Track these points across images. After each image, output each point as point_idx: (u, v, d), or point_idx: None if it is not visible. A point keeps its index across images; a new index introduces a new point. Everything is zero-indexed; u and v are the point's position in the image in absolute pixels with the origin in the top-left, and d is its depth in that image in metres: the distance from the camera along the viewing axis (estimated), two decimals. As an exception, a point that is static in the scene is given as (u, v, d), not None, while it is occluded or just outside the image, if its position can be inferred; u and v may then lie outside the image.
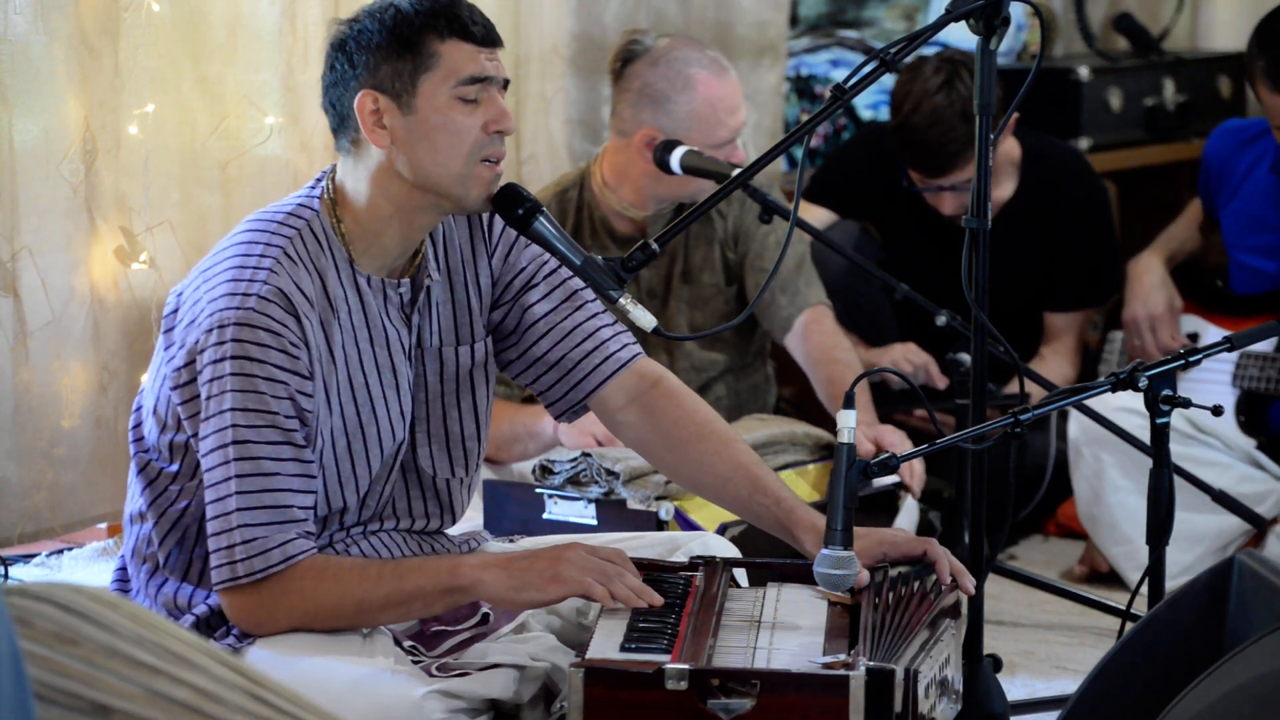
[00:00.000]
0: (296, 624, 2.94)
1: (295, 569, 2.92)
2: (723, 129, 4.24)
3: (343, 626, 2.96)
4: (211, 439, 2.95)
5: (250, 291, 2.95)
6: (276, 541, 2.92)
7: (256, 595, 2.93)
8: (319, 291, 3.00)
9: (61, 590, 1.68)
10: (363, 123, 2.99)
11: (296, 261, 2.99)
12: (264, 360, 2.93)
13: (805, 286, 4.43)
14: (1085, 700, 2.73)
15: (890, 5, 6.08)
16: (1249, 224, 4.86)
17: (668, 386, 3.22)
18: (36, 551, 4.38)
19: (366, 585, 2.92)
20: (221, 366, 2.93)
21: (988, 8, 3.14)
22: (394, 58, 2.98)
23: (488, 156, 3.01)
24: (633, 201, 4.34)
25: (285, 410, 2.94)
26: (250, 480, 2.92)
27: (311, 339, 2.98)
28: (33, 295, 3.99)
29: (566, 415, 3.27)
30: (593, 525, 3.93)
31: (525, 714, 2.92)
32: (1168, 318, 4.89)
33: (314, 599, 2.93)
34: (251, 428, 2.92)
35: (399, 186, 3.01)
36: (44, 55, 3.97)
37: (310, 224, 3.03)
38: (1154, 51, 6.17)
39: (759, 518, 3.16)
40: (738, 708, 2.64)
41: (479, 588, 2.91)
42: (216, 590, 2.96)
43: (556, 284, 3.21)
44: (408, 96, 2.98)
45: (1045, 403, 3.21)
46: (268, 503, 2.92)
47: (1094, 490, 4.58)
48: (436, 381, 3.16)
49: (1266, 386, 4.75)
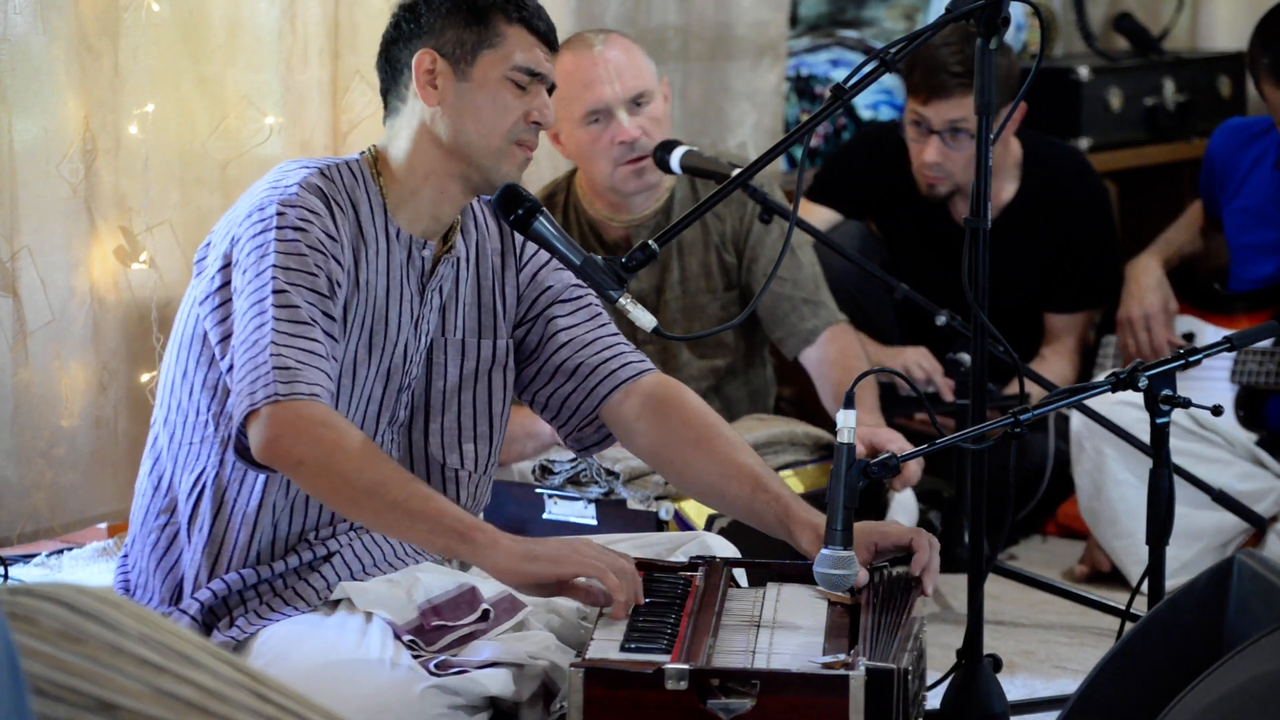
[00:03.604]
0: (308, 460, 2.88)
1: (319, 406, 2.90)
2: (579, 102, 4.21)
3: (344, 500, 2.92)
4: (251, 296, 2.97)
5: (291, 183, 3.04)
6: (306, 378, 2.91)
7: (276, 413, 2.88)
8: (352, 216, 3.09)
9: (67, 589, 1.68)
10: (417, 78, 3.12)
11: (333, 180, 3.09)
12: (307, 230, 3.00)
13: (829, 300, 4.42)
14: (1085, 700, 2.73)
15: (890, 5, 6.08)
16: (1251, 221, 4.87)
17: (679, 396, 3.27)
18: (36, 551, 4.38)
19: (395, 476, 2.90)
20: (266, 235, 2.99)
21: (988, 8, 3.14)
22: (461, 25, 3.11)
23: (523, 141, 3.13)
24: (606, 209, 4.33)
25: (324, 281, 3.00)
26: (288, 325, 2.94)
27: (344, 241, 3.05)
28: (32, 295, 3.99)
29: (577, 437, 3.30)
30: (593, 525, 3.94)
31: (524, 712, 2.93)
32: (1162, 318, 4.89)
33: (339, 446, 2.87)
34: (293, 285, 2.96)
35: (437, 149, 3.12)
36: (44, 55, 3.97)
37: (349, 164, 3.14)
38: (1154, 51, 6.17)
39: (760, 516, 3.17)
40: (738, 708, 2.64)
41: (490, 550, 2.87)
42: (238, 423, 2.91)
43: (581, 305, 3.29)
44: (465, 65, 3.11)
45: (1045, 403, 3.21)
46: (303, 345, 2.94)
47: (1095, 483, 4.58)
48: (457, 372, 3.22)
49: (1265, 381, 4.75)
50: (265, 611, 3.05)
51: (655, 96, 4.26)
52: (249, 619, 3.04)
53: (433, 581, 3.05)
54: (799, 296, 4.38)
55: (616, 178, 4.23)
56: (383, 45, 3.19)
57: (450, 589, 3.03)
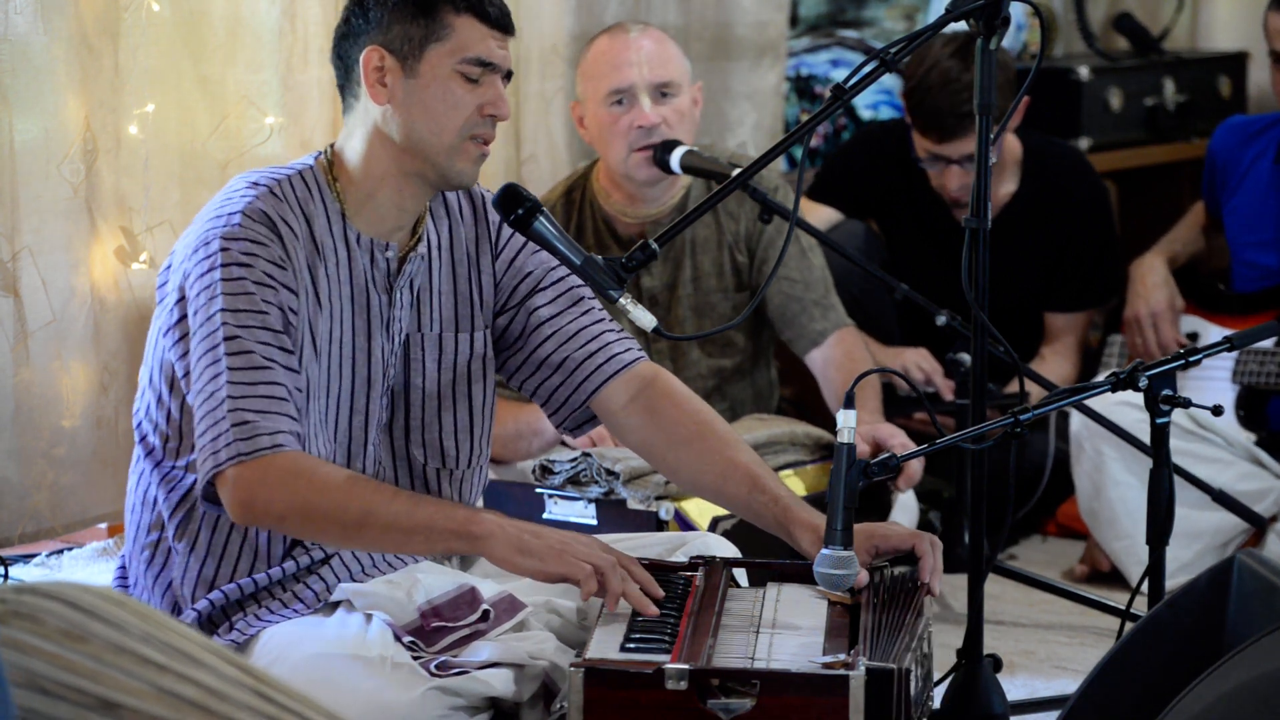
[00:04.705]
0: (291, 513, 2.89)
1: (286, 456, 2.88)
2: (605, 81, 4.25)
3: (337, 536, 2.93)
4: (202, 343, 2.93)
5: (234, 210, 2.98)
6: (267, 429, 2.88)
7: (244, 474, 2.87)
8: (305, 232, 3.02)
9: (69, 588, 1.68)
10: (365, 77, 3.05)
11: (282, 199, 3.02)
12: (252, 265, 2.94)
13: (838, 303, 4.43)
14: (1085, 700, 2.73)
15: (890, 5, 6.08)
16: (1251, 218, 4.86)
17: (669, 388, 3.23)
18: (36, 551, 4.38)
19: (380, 499, 2.90)
20: (211, 275, 2.94)
21: (988, 8, 3.14)
22: (408, 20, 3.04)
23: (478, 135, 3.06)
24: (622, 201, 4.34)
25: (276, 316, 2.94)
26: (242, 372, 2.90)
27: (296, 264, 2.99)
28: (33, 295, 3.99)
29: (568, 423, 3.27)
30: (593, 525, 3.93)
31: (525, 713, 2.93)
32: (1168, 316, 4.89)
33: (314, 489, 2.87)
34: (243, 326, 2.92)
35: (390, 149, 3.06)
36: (44, 55, 3.97)
37: (302, 174, 3.07)
38: (1154, 51, 6.17)
39: (758, 516, 3.16)
40: (738, 708, 2.64)
41: (489, 542, 2.88)
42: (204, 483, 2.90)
43: (563, 290, 3.23)
44: (413, 61, 3.04)
45: (1045, 403, 3.21)
46: (261, 392, 2.90)
47: (1094, 484, 4.58)
48: (435, 368, 3.17)
49: (1266, 381, 4.75)
50: (264, 614, 3.04)
51: (683, 92, 4.28)
52: (248, 622, 3.03)
53: (432, 582, 3.05)
54: (810, 298, 4.39)
55: (630, 163, 4.24)
56: (335, 41, 3.13)
57: (450, 589, 3.03)
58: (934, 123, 4.77)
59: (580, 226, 4.37)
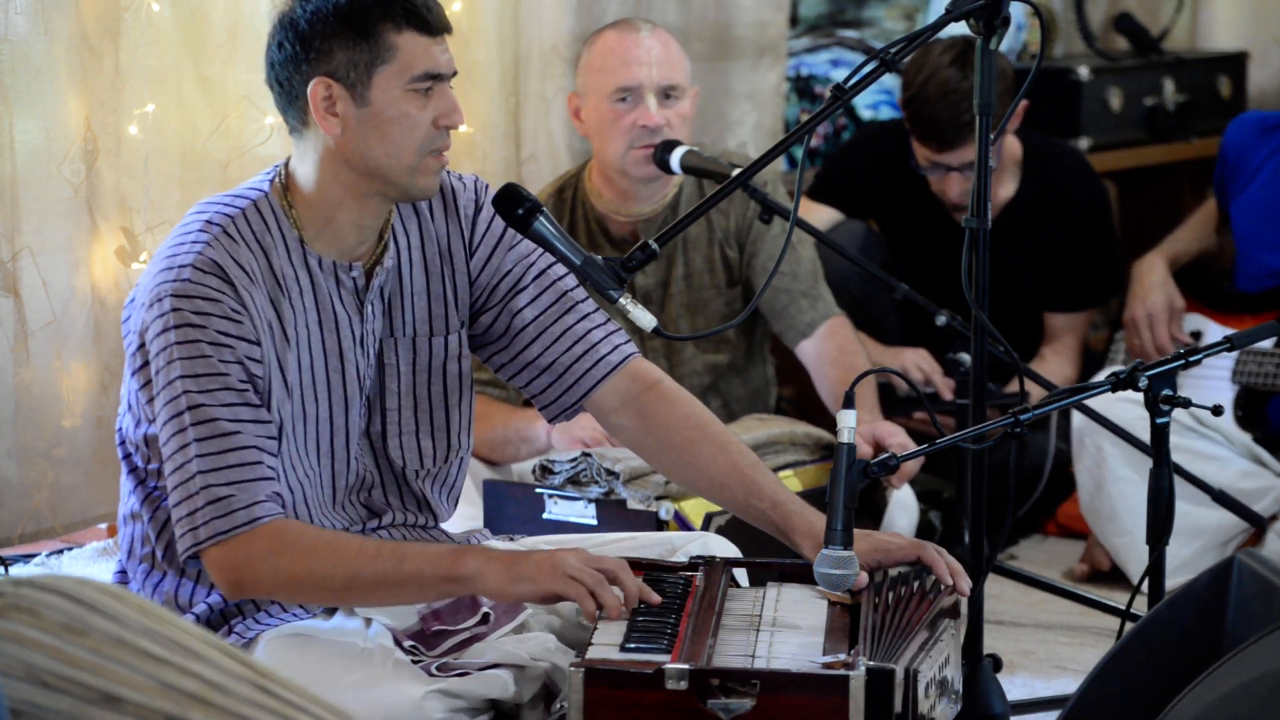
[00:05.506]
0: (279, 587, 2.90)
1: (265, 528, 2.88)
2: (612, 77, 4.23)
3: (329, 600, 2.94)
4: (165, 410, 2.91)
5: (185, 263, 2.93)
6: (243, 502, 2.88)
7: (228, 554, 2.87)
8: (264, 268, 2.98)
9: (70, 582, 1.69)
10: (315, 109, 2.97)
11: (236, 239, 2.97)
12: (205, 326, 2.90)
13: (827, 294, 4.43)
14: (1085, 700, 2.73)
15: (890, 5, 6.08)
16: (1261, 215, 4.84)
17: (662, 389, 3.20)
18: (36, 551, 4.38)
19: (363, 561, 2.88)
20: (166, 337, 2.91)
21: (988, 8, 3.14)
22: (349, 46, 2.96)
23: (436, 149, 3.01)
24: (614, 199, 4.34)
25: (236, 374, 2.91)
26: (210, 443, 2.89)
27: (254, 310, 2.95)
28: (33, 295, 3.99)
29: (560, 417, 3.25)
30: (593, 525, 3.93)
31: (525, 714, 2.93)
32: (1165, 317, 4.89)
33: (297, 561, 2.87)
34: (204, 392, 2.89)
35: (347, 173, 3.00)
36: (44, 55, 3.97)
37: (256, 204, 3.02)
38: (1154, 51, 6.18)
39: (756, 521, 3.15)
40: (738, 708, 2.64)
41: (478, 579, 2.88)
42: (185, 557, 2.91)
43: (545, 286, 3.18)
44: (362, 88, 2.97)
45: (1045, 403, 3.21)
46: (231, 461, 2.89)
47: (1095, 480, 4.58)
48: (409, 371, 3.14)
49: (1265, 382, 4.75)
50: (263, 618, 3.04)
51: (685, 96, 4.28)
52: (247, 625, 3.03)
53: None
54: (797, 289, 4.39)
55: (629, 160, 4.24)
56: (268, 63, 3.02)
57: (450, 592, 3.03)
58: (933, 132, 4.77)
59: (572, 226, 4.37)
